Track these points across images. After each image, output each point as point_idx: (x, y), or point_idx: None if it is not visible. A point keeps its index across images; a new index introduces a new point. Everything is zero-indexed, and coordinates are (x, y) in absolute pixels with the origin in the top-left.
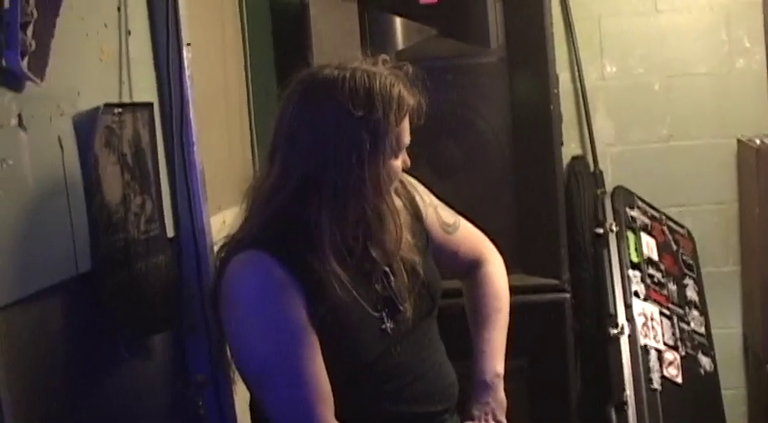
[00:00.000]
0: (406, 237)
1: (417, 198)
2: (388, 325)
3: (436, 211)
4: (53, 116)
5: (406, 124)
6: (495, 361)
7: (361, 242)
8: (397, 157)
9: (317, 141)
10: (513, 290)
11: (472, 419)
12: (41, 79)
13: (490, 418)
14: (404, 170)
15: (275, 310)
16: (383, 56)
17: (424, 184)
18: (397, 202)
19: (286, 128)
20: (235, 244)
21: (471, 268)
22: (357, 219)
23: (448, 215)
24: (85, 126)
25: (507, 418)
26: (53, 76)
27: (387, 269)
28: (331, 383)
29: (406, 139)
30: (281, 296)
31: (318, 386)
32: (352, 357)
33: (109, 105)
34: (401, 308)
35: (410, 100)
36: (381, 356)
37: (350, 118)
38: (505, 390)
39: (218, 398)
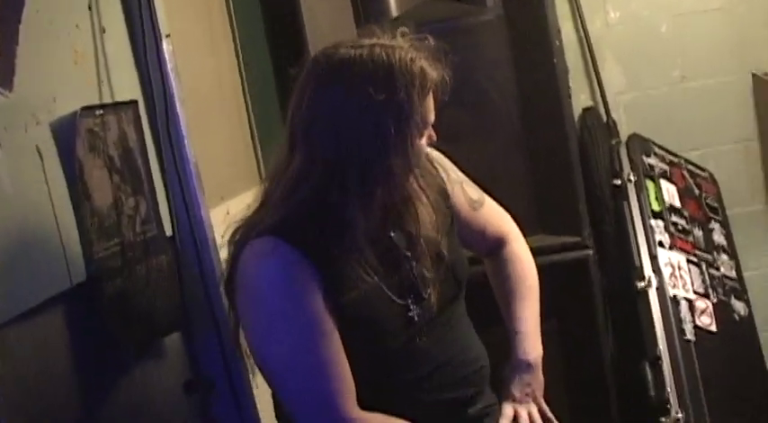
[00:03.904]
0: (432, 217)
1: (443, 174)
2: (415, 312)
3: (462, 188)
4: (28, 126)
5: (430, 101)
6: (535, 341)
7: (385, 228)
8: (422, 135)
9: (338, 128)
10: (536, 251)
11: (513, 400)
12: (10, 90)
13: (530, 398)
14: (430, 145)
15: (292, 298)
16: (402, 29)
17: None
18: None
19: (305, 114)
20: (251, 229)
21: (496, 247)
22: (384, 203)
23: (473, 191)
24: (65, 132)
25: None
26: (24, 84)
27: (409, 254)
28: (356, 373)
29: (431, 116)
30: (298, 284)
31: (338, 376)
32: (378, 346)
33: (88, 108)
34: (425, 294)
35: (433, 75)
36: (407, 344)
37: (371, 101)
38: None
39: (235, 395)
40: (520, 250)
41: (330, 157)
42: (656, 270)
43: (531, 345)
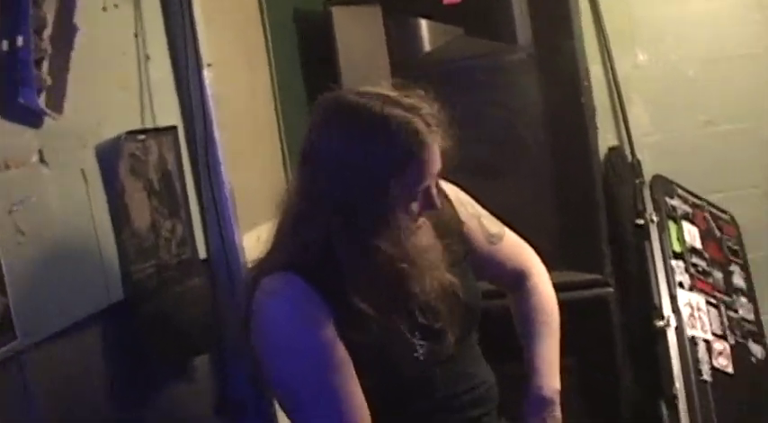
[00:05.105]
0: (442, 256)
1: (459, 208)
2: (424, 351)
3: (480, 222)
4: (75, 149)
5: (431, 154)
6: (552, 377)
7: (393, 269)
8: (414, 198)
9: (335, 173)
10: (557, 287)
11: None
12: (60, 113)
13: None
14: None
15: (303, 329)
16: (419, 91)
17: (465, 192)
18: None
19: (308, 153)
20: (263, 267)
21: (517, 281)
22: (382, 247)
23: (492, 225)
24: (109, 156)
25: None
26: (72, 109)
27: (418, 290)
28: (368, 401)
29: (433, 168)
30: (308, 316)
31: (354, 405)
32: (389, 379)
33: (131, 133)
34: (440, 333)
35: (426, 139)
36: (418, 379)
37: (366, 148)
38: None
39: (263, 419)
40: (541, 285)
41: (328, 198)
42: (676, 310)
43: (548, 381)
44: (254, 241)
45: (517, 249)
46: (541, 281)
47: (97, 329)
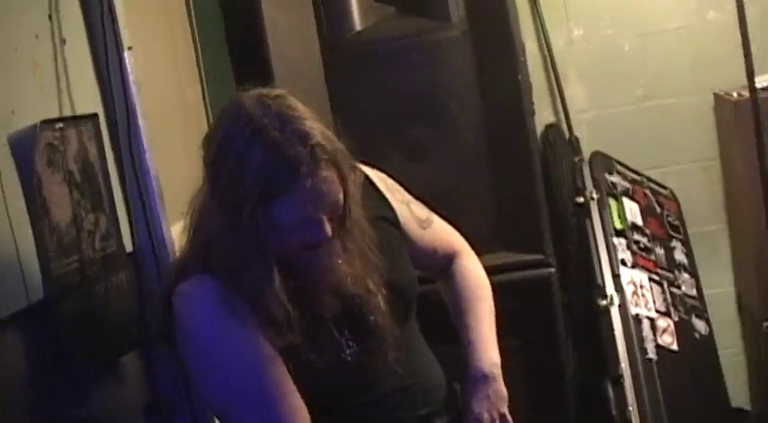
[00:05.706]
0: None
1: (387, 195)
2: (352, 351)
3: (409, 208)
4: None
5: (295, 199)
6: (489, 350)
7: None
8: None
9: (230, 182)
10: (498, 269)
11: (474, 416)
12: None
13: (494, 412)
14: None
15: (228, 331)
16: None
17: (392, 176)
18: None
19: (207, 154)
20: (179, 273)
21: (447, 264)
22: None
23: (420, 211)
24: (23, 146)
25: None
26: None
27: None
28: (306, 398)
29: (301, 213)
30: (231, 317)
31: (291, 406)
32: (318, 383)
33: (48, 121)
34: (374, 327)
35: (299, 174)
36: (350, 378)
37: (233, 169)
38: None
39: (194, 416)
40: (470, 264)
41: (218, 204)
42: (619, 288)
43: (484, 354)
44: (182, 232)
45: (445, 233)
46: (470, 260)
47: (17, 331)
